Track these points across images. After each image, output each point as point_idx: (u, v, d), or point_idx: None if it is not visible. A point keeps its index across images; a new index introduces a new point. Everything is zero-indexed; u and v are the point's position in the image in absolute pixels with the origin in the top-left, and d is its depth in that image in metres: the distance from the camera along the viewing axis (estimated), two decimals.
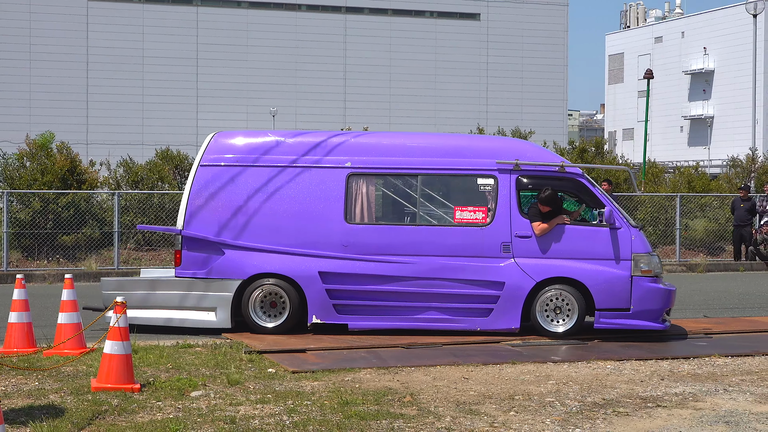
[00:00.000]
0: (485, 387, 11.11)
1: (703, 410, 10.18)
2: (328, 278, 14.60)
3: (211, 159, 15.03)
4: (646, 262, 14.41)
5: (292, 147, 15.06)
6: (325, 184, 14.78)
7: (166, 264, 26.09)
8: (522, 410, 10.01)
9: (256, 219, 14.75)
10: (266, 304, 14.68)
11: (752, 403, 10.55)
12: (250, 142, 15.21)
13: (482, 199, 14.70)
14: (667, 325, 14.60)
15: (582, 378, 11.75)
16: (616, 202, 15.07)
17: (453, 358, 12.86)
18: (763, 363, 12.98)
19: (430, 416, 9.64)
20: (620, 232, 14.43)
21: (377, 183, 14.91)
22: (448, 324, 14.59)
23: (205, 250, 14.78)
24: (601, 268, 14.37)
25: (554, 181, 14.70)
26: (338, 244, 14.62)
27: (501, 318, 14.48)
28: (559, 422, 9.54)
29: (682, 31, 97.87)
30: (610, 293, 14.34)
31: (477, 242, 14.51)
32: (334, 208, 14.70)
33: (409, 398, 10.39)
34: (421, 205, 14.77)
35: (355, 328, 14.71)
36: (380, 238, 14.61)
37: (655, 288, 14.40)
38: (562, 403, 10.37)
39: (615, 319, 14.40)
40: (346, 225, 14.66)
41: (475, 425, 9.34)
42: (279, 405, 9.98)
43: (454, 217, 14.67)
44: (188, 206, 14.88)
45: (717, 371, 12.41)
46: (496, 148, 15.08)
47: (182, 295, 14.86)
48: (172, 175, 30.92)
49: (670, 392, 11.04)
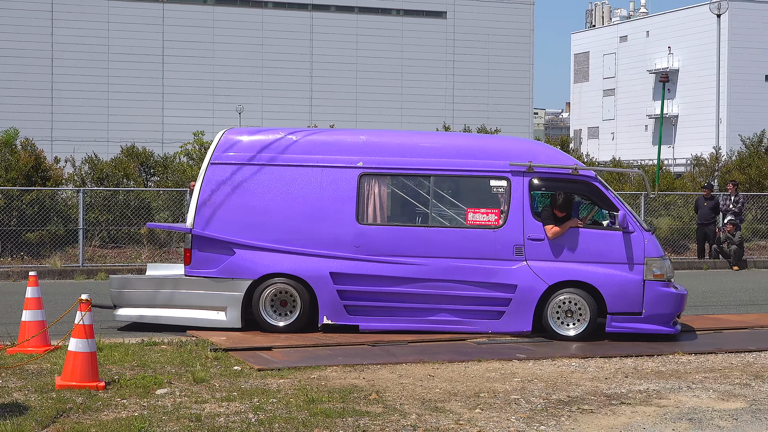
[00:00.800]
0: (451, 384, 11.14)
1: (666, 407, 10.26)
2: (340, 279, 14.49)
3: (221, 157, 14.87)
4: (658, 266, 14.31)
5: (303, 146, 14.91)
6: (336, 184, 14.64)
7: (131, 261, 25.97)
8: (487, 408, 10.05)
9: (267, 218, 14.61)
10: (277, 303, 14.55)
11: (715, 400, 10.64)
12: (261, 140, 15.03)
13: (495, 200, 14.58)
14: (678, 329, 14.55)
15: (547, 375, 11.80)
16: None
17: (419, 355, 12.88)
18: (726, 360, 13.09)
19: (396, 414, 9.66)
20: (633, 236, 14.33)
21: (389, 183, 14.76)
22: (459, 326, 14.49)
23: (215, 249, 14.63)
24: (614, 272, 14.27)
25: (567, 184, 14.58)
26: (350, 244, 14.49)
27: (513, 321, 14.37)
28: (524, 419, 9.59)
29: (647, 30, 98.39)
30: (623, 297, 14.23)
31: (489, 244, 14.39)
32: (346, 208, 14.57)
33: (375, 396, 10.41)
34: (433, 206, 14.66)
35: (366, 330, 14.56)
36: (392, 239, 14.48)
37: (667, 292, 14.30)
38: (527, 400, 10.42)
39: (627, 323, 14.30)
40: (358, 225, 14.53)
41: (441, 423, 9.37)
42: (245, 403, 9.97)
43: (466, 218, 14.54)
44: (198, 205, 14.73)
45: (681, 369, 12.50)
46: (509, 149, 14.91)
47: (192, 294, 14.69)
48: (137, 172, 30.76)
49: (634, 389, 11.11)
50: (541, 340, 14.21)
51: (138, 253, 26.83)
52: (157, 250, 27.26)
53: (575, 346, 13.85)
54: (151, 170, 31.92)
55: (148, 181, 31.59)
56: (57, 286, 21.29)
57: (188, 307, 14.76)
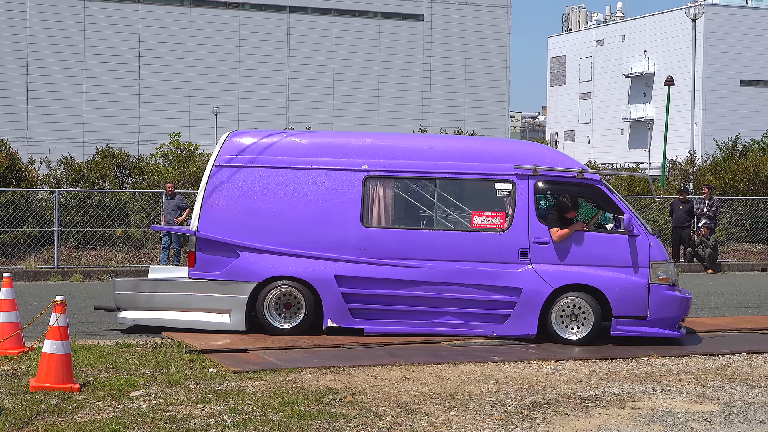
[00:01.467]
0: (426, 387, 11.15)
1: (641, 410, 10.30)
2: (345, 282, 14.45)
3: (225, 159, 14.83)
4: (663, 269, 14.30)
5: (308, 148, 14.88)
6: (341, 187, 14.62)
7: (107, 263, 25.88)
8: (463, 410, 10.07)
9: (272, 221, 14.57)
10: (281, 305, 14.51)
11: (689, 403, 10.70)
12: (265, 142, 15.01)
13: (500, 204, 14.55)
14: (682, 332, 14.55)
15: (522, 378, 11.83)
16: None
17: (394, 358, 12.89)
18: (699, 363, 13.16)
19: (371, 416, 9.67)
20: (639, 240, 14.32)
21: (394, 186, 14.72)
22: (464, 329, 14.46)
23: (220, 251, 14.58)
24: (619, 276, 14.26)
25: (573, 187, 14.62)
26: (354, 247, 14.46)
27: (518, 324, 14.35)
28: (499, 422, 9.61)
29: (623, 34, 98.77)
30: (628, 301, 14.20)
31: (494, 247, 14.37)
32: (351, 211, 14.55)
33: (351, 398, 10.41)
34: (438, 209, 14.64)
35: (371, 333, 14.51)
36: (397, 242, 14.45)
37: (672, 296, 14.31)
38: (502, 402, 10.45)
39: (632, 327, 14.27)
40: (363, 228, 14.50)
41: (416, 425, 9.38)
42: (220, 405, 9.96)
43: (471, 221, 14.53)
44: (203, 207, 14.69)
45: (655, 371, 12.56)
46: (514, 152, 14.88)
47: (196, 296, 14.64)
48: (113, 174, 30.67)
49: (608, 392, 11.16)
50: (517, 343, 14.23)
51: (113, 254, 26.76)
52: (132, 252, 27.20)
53: (551, 347, 13.88)
54: (127, 171, 31.84)
55: (124, 183, 31.50)
56: (31, 288, 21.20)
57: (192, 310, 14.71)
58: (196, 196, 16.03)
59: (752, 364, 13.12)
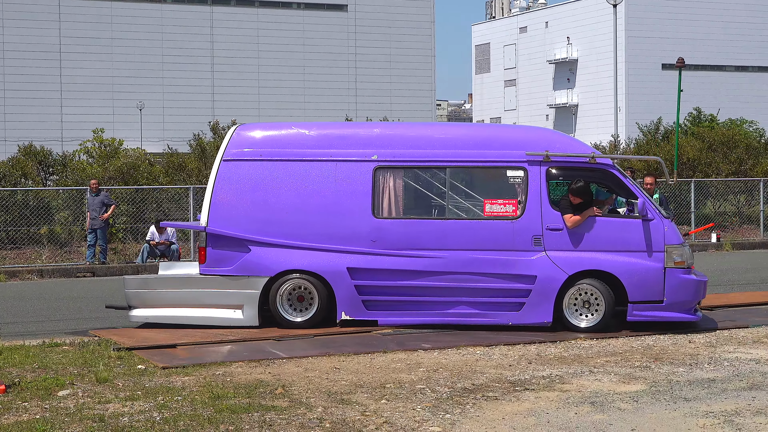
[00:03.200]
0: (357, 376, 11.16)
1: (569, 392, 10.40)
2: (357, 274, 14.34)
3: (233, 153, 14.67)
4: (679, 253, 14.15)
5: (316, 140, 14.75)
6: (351, 178, 14.48)
7: (32, 262, 25.55)
8: (393, 398, 10.09)
9: (282, 215, 14.42)
10: (294, 298, 14.39)
11: (616, 384, 10.83)
12: (273, 135, 14.89)
13: (512, 191, 14.39)
14: (699, 315, 14.44)
15: (452, 364, 11.89)
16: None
17: (325, 348, 12.88)
18: (626, 344, 13.31)
19: (302, 407, 9.65)
20: (653, 224, 14.16)
21: (405, 176, 14.58)
22: (479, 319, 14.33)
23: (231, 246, 14.42)
24: (634, 260, 14.09)
25: (585, 172, 14.41)
26: (366, 239, 14.34)
27: (533, 312, 14.20)
28: (429, 408, 9.65)
29: (546, 21, 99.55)
30: (644, 286, 14.06)
31: (507, 235, 14.23)
32: (361, 202, 14.41)
33: (281, 390, 10.39)
34: (449, 198, 14.52)
35: (384, 324, 14.40)
36: (409, 233, 14.32)
37: (688, 279, 14.16)
38: (432, 389, 10.49)
39: (648, 311, 14.13)
40: (374, 219, 14.37)
41: (347, 414, 9.39)
42: (149, 401, 9.87)
43: (483, 210, 14.36)
44: (212, 202, 14.52)
45: (583, 353, 12.69)
46: (525, 138, 14.73)
47: (207, 292, 14.47)
48: (36, 171, 30.25)
49: (537, 375, 11.25)
50: (447, 330, 14.28)
51: (38, 253, 26.42)
52: (58, 251, 26.87)
53: (480, 333, 13.96)
54: (50, 169, 31.43)
55: (47, 181, 31.09)
56: None
57: (204, 306, 14.57)
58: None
59: (677, 344, 13.31)
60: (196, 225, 15.23)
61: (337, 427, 8.97)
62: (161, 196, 29.03)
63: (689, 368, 11.68)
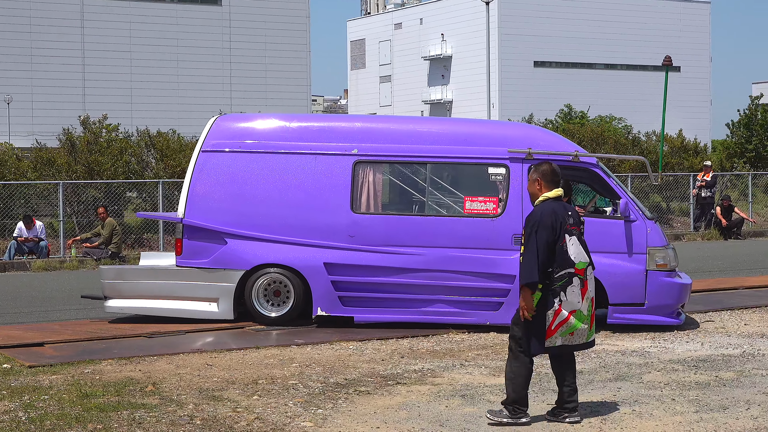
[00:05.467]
0: (229, 373, 11.11)
1: (441, 385, 10.52)
2: (334, 269, 14.10)
3: (213, 144, 14.40)
4: (661, 256, 13.95)
5: (296, 132, 14.52)
6: (330, 172, 14.24)
7: None
8: (265, 394, 10.07)
9: (260, 207, 14.16)
10: (270, 293, 14.15)
11: (487, 376, 10.99)
12: (253, 126, 14.64)
13: (493, 188, 14.20)
14: (682, 319, 14.24)
15: (325, 359, 11.91)
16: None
17: (197, 345, 12.79)
18: (497, 338, 13.50)
19: (173, 405, 9.56)
20: (635, 225, 13.95)
21: (385, 171, 14.40)
22: (457, 317, 14.08)
23: (207, 239, 14.17)
24: (616, 262, 13.87)
25: (568, 171, 14.08)
26: (344, 234, 14.10)
27: (512, 312, 13.56)
28: (302, 404, 9.66)
29: (421, 17, 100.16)
30: (624, 288, 13.86)
31: (487, 233, 13.99)
32: (340, 196, 14.17)
33: (152, 388, 10.27)
34: (429, 195, 14.30)
35: (361, 321, 14.19)
36: (387, 229, 14.09)
37: (670, 282, 13.96)
38: (305, 384, 10.50)
39: (629, 314, 13.94)
40: (353, 214, 14.14)
41: (218, 411, 9.33)
42: (14, 401, 9.66)
43: (463, 207, 14.16)
44: (189, 193, 14.24)
45: (454, 347, 12.83)
46: (508, 135, 14.59)
47: (183, 285, 14.21)
48: None
49: (409, 369, 11.35)
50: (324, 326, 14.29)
51: None
52: None
53: (354, 328, 13.98)
54: None
55: None
56: None
57: (180, 299, 14.37)
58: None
59: None
60: (173, 216, 15.00)
61: (208, 423, 8.91)
62: (29, 192, 28.41)
63: None
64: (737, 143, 42.25)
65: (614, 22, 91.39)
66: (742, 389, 10.29)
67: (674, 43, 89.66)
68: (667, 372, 11.19)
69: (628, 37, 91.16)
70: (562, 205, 9.07)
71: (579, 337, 8.86)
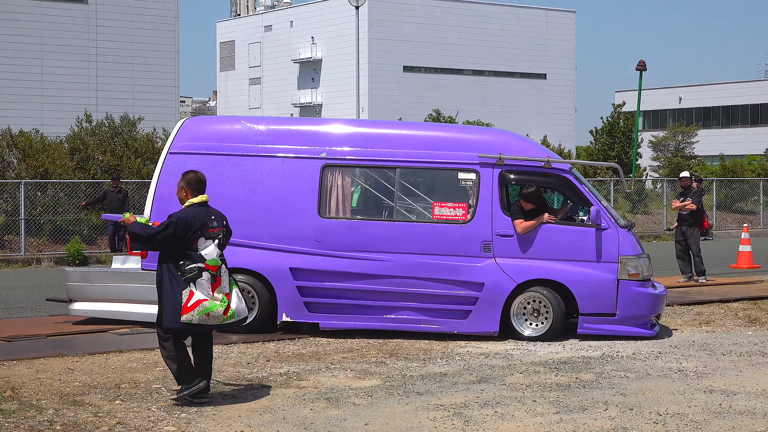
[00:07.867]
0: (91, 377, 10.94)
1: (306, 388, 10.54)
2: (300, 275, 13.73)
3: (180, 146, 14.02)
4: (634, 265, 13.71)
5: (265, 135, 14.14)
6: (298, 176, 13.86)
7: None
8: (128, 398, 9.95)
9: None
10: None
11: (352, 379, 11.04)
12: (222, 129, 14.32)
13: (463, 194, 13.92)
14: (655, 330, 14.03)
15: None
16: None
17: (58, 349, 12.56)
18: (364, 341, 13.56)
19: (32, 410, 9.38)
20: (607, 233, 13.69)
21: (353, 175, 14.05)
22: (424, 325, 13.75)
23: None
24: (586, 271, 13.65)
25: (540, 177, 13.94)
26: (311, 239, 13.74)
27: (480, 320, 13.66)
28: (165, 408, 9.57)
29: (291, 20, 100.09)
30: (595, 297, 13.61)
31: (456, 240, 13.70)
32: (307, 201, 13.80)
33: (10, 392, 10.05)
34: (398, 200, 13.95)
35: (326, 328, 13.86)
36: (355, 234, 13.76)
37: (642, 293, 13.74)
38: (169, 389, 10.40)
39: (599, 324, 13.70)
40: (320, 219, 13.78)
41: (79, 416, 9.18)
42: None
43: (432, 212, 13.87)
44: (155, 196, 13.82)
45: (321, 350, 12.86)
46: (479, 140, 14.26)
47: (147, 288, 13.50)
48: None
49: (275, 372, 11.34)
50: None
51: None
52: None
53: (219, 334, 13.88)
54: None
55: None
56: None
57: (143, 302, 13.90)
58: None
59: (412, 339, 13.65)
60: None
61: (69, 429, 8.77)
62: None
63: (423, 363, 12.03)
64: (600, 150, 43.28)
65: (483, 29, 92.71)
66: (600, 390, 10.56)
67: (540, 50, 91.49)
68: (529, 374, 11.41)
69: (496, 44, 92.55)
70: (206, 210, 9.99)
71: (214, 319, 9.71)
